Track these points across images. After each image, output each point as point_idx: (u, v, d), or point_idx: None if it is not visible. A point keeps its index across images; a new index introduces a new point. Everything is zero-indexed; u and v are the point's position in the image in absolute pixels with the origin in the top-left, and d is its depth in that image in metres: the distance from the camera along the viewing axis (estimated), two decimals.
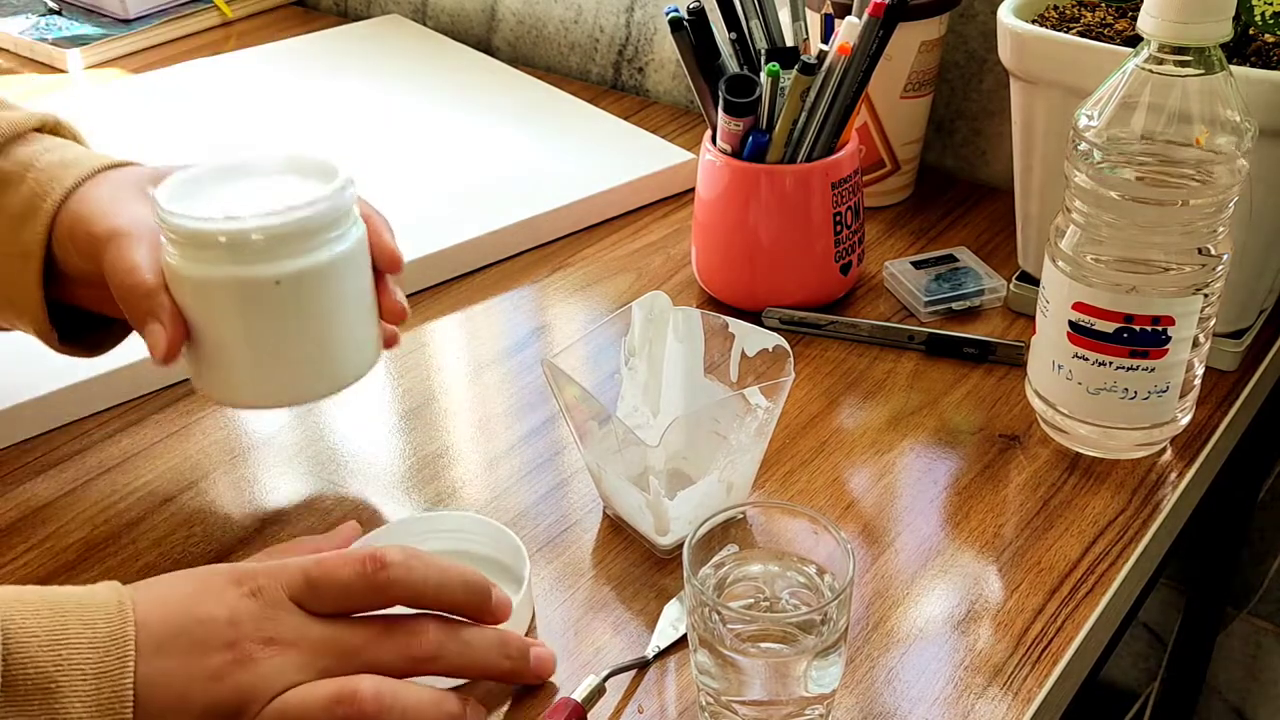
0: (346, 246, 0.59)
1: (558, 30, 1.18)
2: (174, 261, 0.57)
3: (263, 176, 0.61)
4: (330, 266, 0.58)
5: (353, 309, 0.61)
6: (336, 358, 0.61)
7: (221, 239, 0.56)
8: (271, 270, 0.57)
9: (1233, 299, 0.72)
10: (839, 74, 0.74)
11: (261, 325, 0.58)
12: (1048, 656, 0.57)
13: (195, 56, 1.19)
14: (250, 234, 0.56)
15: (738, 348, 0.65)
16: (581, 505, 0.67)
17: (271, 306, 0.58)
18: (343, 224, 0.59)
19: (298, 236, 0.57)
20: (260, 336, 0.58)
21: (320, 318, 0.59)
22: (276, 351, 0.59)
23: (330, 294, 0.59)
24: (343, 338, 0.61)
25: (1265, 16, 0.68)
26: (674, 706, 0.55)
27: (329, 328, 0.60)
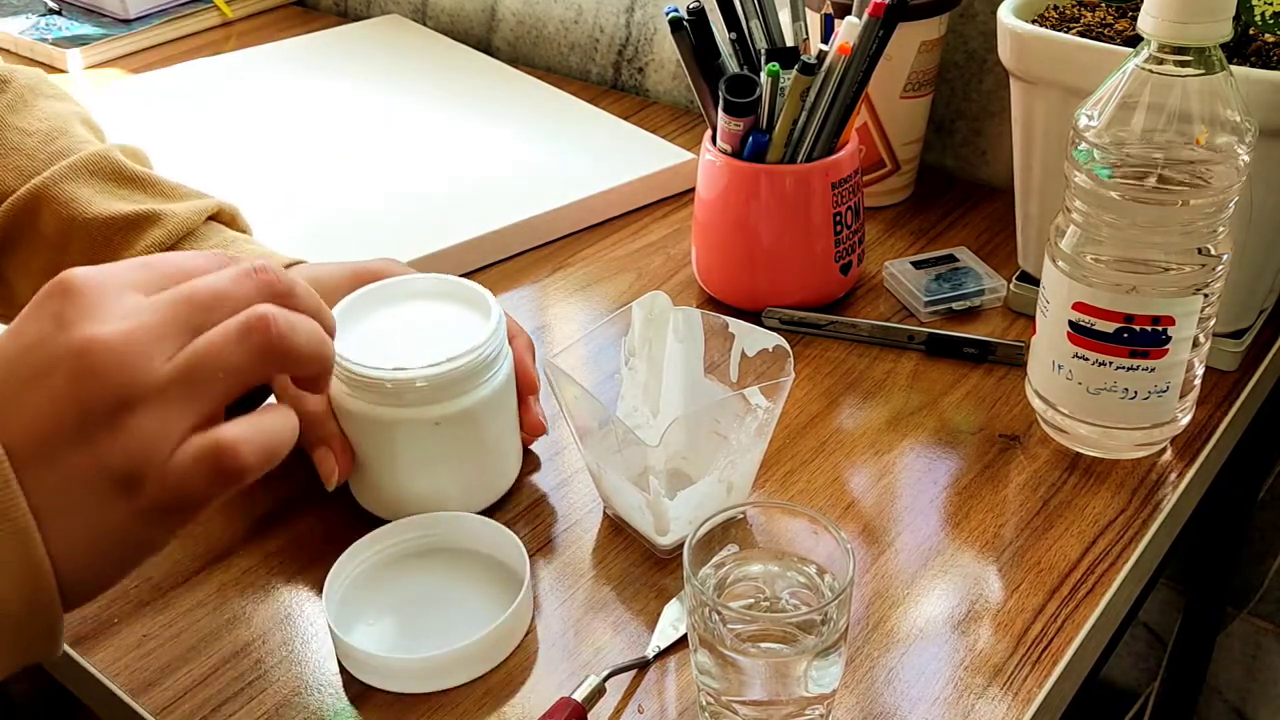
0: (499, 383, 0.62)
1: (558, 30, 1.18)
2: (339, 395, 0.62)
3: (420, 301, 0.65)
4: (484, 403, 0.62)
5: (501, 433, 0.64)
6: (484, 479, 0.65)
7: (388, 385, 0.60)
8: (432, 413, 0.60)
9: (1233, 299, 0.72)
10: (839, 74, 0.74)
11: (417, 457, 0.62)
12: (1048, 656, 0.57)
13: (195, 56, 1.19)
14: (415, 381, 0.59)
15: (738, 348, 0.65)
16: (581, 505, 0.67)
17: (429, 442, 0.61)
18: (496, 363, 0.62)
19: (459, 380, 0.60)
20: (415, 466, 0.62)
21: (473, 447, 0.63)
22: (429, 478, 0.63)
23: (483, 426, 0.63)
24: (491, 460, 0.64)
25: (1265, 16, 0.68)
26: (674, 706, 0.55)
27: (480, 454, 0.64)
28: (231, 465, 0.44)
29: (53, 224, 0.66)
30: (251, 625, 0.60)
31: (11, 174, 0.68)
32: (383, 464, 0.63)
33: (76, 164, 0.68)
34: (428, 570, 0.62)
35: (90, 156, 0.68)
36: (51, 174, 0.67)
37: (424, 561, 0.62)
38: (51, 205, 0.67)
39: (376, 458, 0.63)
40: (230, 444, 0.44)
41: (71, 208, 0.66)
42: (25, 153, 0.68)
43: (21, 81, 0.72)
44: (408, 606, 0.60)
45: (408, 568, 0.62)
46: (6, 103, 0.70)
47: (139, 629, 0.60)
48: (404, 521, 0.62)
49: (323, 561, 0.63)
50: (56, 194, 0.67)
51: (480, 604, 0.60)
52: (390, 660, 0.56)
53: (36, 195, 0.67)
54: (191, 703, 0.56)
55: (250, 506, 0.67)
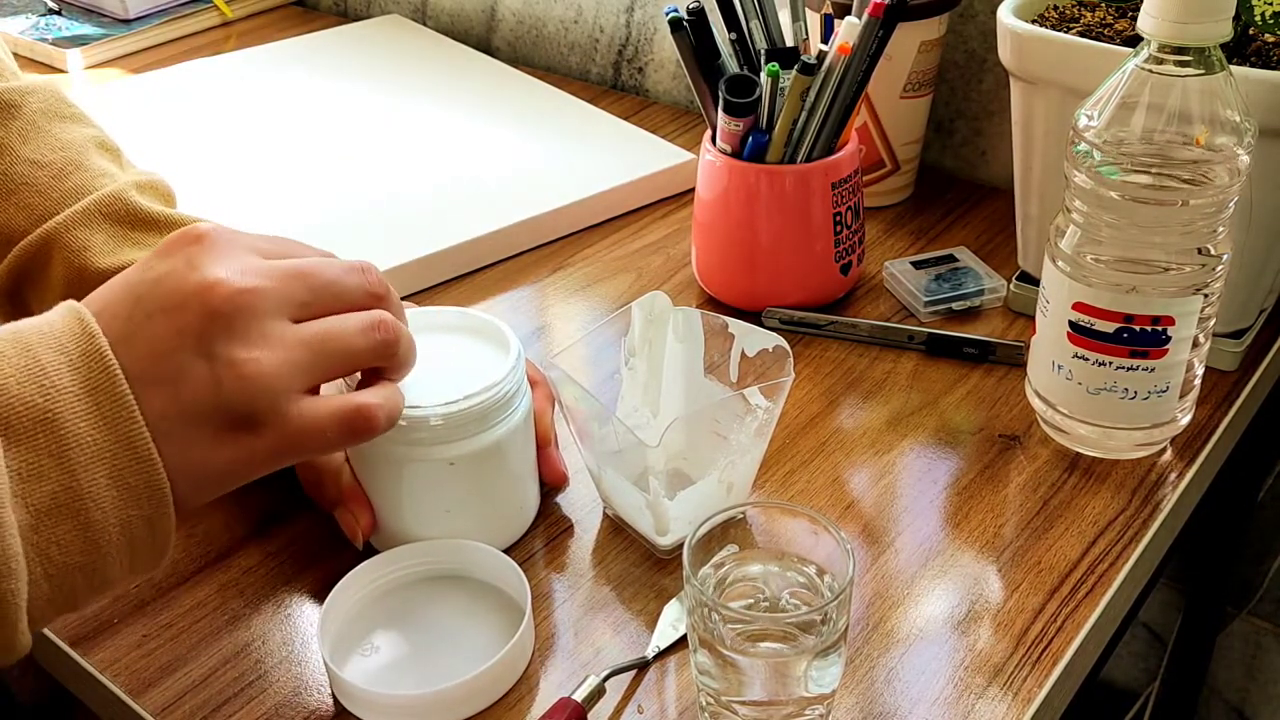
0: (515, 422, 0.61)
1: (558, 30, 1.18)
2: None
3: (438, 334, 0.63)
4: (500, 443, 0.60)
5: (518, 475, 0.63)
6: (500, 521, 0.64)
7: (402, 423, 0.58)
8: (447, 452, 0.59)
9: (1233, 299, 0.72)
10: (839, 74, 0.74)
11: (431, 498, 0.61)
12: (1048, 656, 0.57)
13: (195, 56, 1.19)
14: (429, 419, 0.58)
15: (738, 348, 0.65)
16: (581, 505, 0.67)
17: (443, 482, 0.60)
18: (513, 402, 0.61)
19: (473, 420, 0.59)
20: (429, 507, 0.61)
21: (489, 488, 0.62)
22: (443, 519, 0.61)
23: (499, 466, 0.61)
24: (508, 501, 0.63)
25: (1265, 16, 0.68)
26: (674, 706, 0.55)
27: (495, 495, 0.62)
28: (366, 426, 0.51)
29: (64, 271, 0.65)
30: (251, 625, 0.60)
31: (23, 213, 0.66)
32: (395, 504, 0.61)
33: (89, 207, 0.66)
34: (425, 599, 0.60)
35: (103, 199, 0.66)
36: (63, 219, 0.65)
37: (421, 590, 0.61)
38: (63, 253, 0.65)
39: (389, 498, 0.61)
40: (370, 406, 0.51)
41: (83, 256, 0.64)
42: (37, 189, 0.66)
43: (35, 105, 0.69)
44: (405, 637, 0.59)
45: (404, 597, 0.60)
46: (18, 130, 0.68)
47: (139, 629, 0.60)
48: (401, 549, 0.61)
49: (323, 561, 0.63)
50: (69, 240, 0.65)
51: (481, 634, 0.58)
52: (387, 696, 0.55)
53: (48, 241, 0.65)
54: (191, 703, 0.56)
55: (250, 506, 0.67)
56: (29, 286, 0.67)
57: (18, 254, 0.66)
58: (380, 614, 0.60)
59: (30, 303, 0.67)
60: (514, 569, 0.59)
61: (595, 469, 0.64)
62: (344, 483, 0.62)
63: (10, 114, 0.68)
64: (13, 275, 0.66)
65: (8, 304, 0.68)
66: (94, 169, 0.68)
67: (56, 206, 0.66)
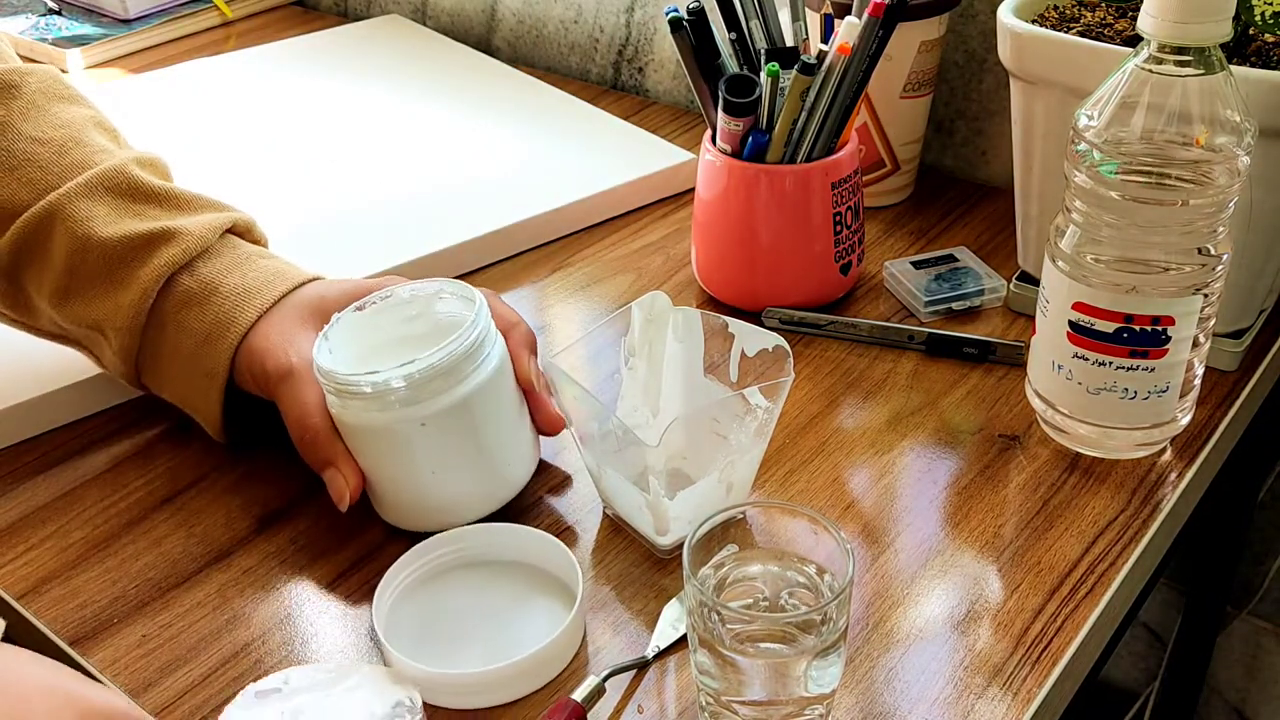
0: (485, 375, 0.62)
1: (558, 30, 1.18)
2: (335, 408, 0.62)
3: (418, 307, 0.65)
4: (469, 398, 0.61)
5: (501, 426, 0.63)
6: (490, 477, 0.64)
7: (367, 389, 0.60)
8: (416, 412, 0.60)
9: (1233, 299, 0.72)
10: (839, 74, 0.74)
11: (413, 459, 0.61)
12: (1048, 656, 0.57)
13: (195, 56, 1.19)
14: (391, 383, 0.59)
15: (737, 348, 0.65)
16: (581, 505, 0.67)
17: (421, 444, 0.61)
18: (478, 355, 0.61)
19: (439, 378, 0.60)
20: (413, 469, 0.62)
21: (469, 443, 0.62)
22: (431, 480, 0.62)
23: (476, 421, 0.62)
24: (495, 456, 0.63)
25: (1265, 16, 0.68)
26: (674, 706, 0.55)
27: (479, 451, 0.63)
28: None
29: (67, 243, 0.66)
30: (251, 625, 0.60)
31: (25, 188, 0.67)
32: (383, 471, 0.62)
33: (92, 180, 0.67)
34: (476, 583, 0.61)
35: (105, 172, 0.67)
36: (66, 191, 0.66)
37: (471, 574, 0.62)
38: (66, 224, 0.66)
39: (377, 466, 0.62)
40: None
41: (86, 226, 0.66)
42: (39, 164, 0.67)
43: (34, 86, 0.70)
44: (453, 620, 0.59)
45: (454, 580, 0.61)
46: (19, 109, 0.69)
47: (139, 629, 0.60)
48: (451, 533, 0.62)
49: (323, 561, 0.63)
50: (71, 212, 0.66)
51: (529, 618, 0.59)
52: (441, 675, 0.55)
53: (50, 213, 0.66)
54: (191, 703, 0.56)
55: (250, 506, 0.67)
56: (28, 261, 0.67)
57: (20, 227, 0.67)
58: (430, 596, 0.60)
59: (27, 282, 0.68)
60: (565, 553, 0.60)
61: (595, 469, 0.64)
62: (334, 447, 0.63)
63: (11, 94, 0.69)
64: (14, 249, 0.67)
65: (4, 281, 0.68)
66: (94, 145, 0.69)
67: (58, 181, 0.67)
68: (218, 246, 0.68)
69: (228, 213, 0.70)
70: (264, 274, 0.67)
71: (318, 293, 0.68)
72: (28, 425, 0.72)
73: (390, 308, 0.65)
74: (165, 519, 0.66)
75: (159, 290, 0.66)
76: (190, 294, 0.66)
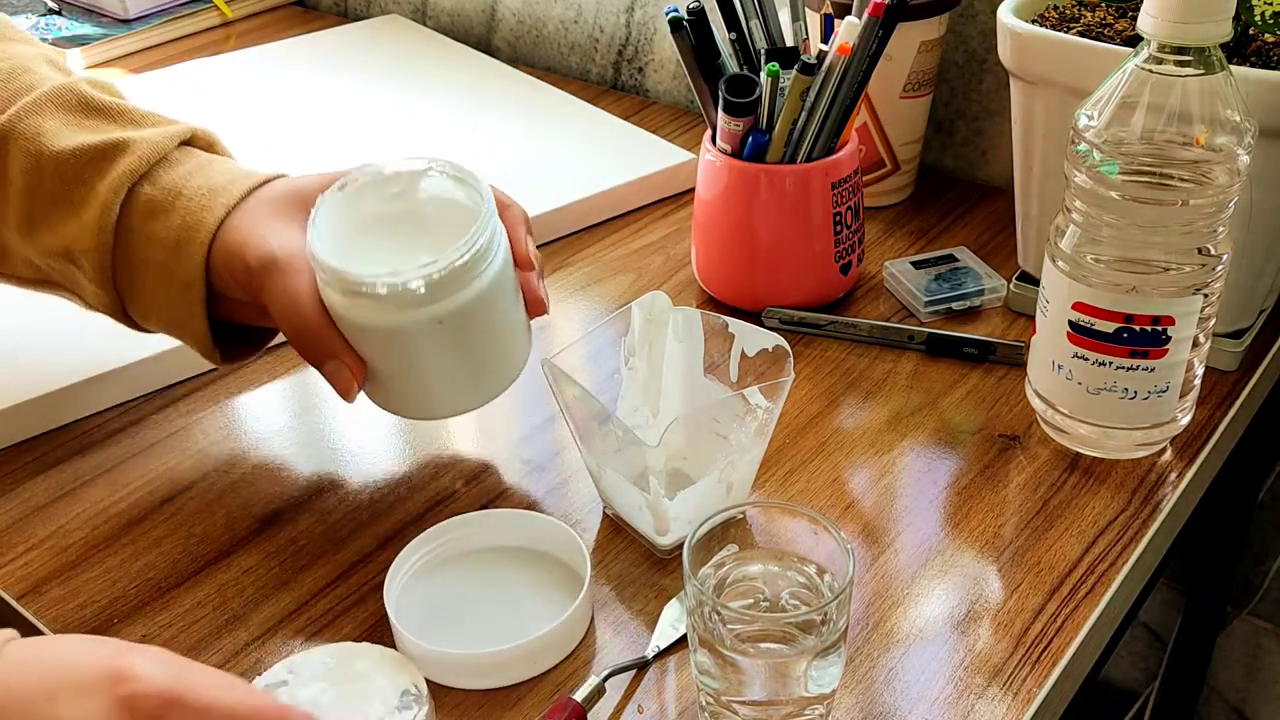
0: (497, 268, 0.60)
1: (558, 30, 1.18)
2: (336, 304, 0.59)
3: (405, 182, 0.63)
4: (485, 293, 0.60)
5: (507, 314, 0.62)
6: (500, 363, 0.63)
7: (382, 290, 0.57)
8: (433, 312, 0.59)
9: (1233, 299, 0.72)
10: (839, 74, 0.74)
11: (428, 358, 0.60)
12: (1048, 656, 0.57)
13: (195, 56, 1.19)
14: (410, 283, 0.57)
15: (737, 348, 0.65)
16: (581, 505, 0.67)
17: (436, 341, 0.60)
18: (491, 249, 0.60)
19: (456, 276, 0.58)
20: (426, 366, 0.61)
21: (482, 336, 0.61)
22: (442, 375, 0.61)
23: (489, 313, 0.61)
24: (503, 345, 0.63)
25: (1265, 16, 0.68)
26: (674, 706, 0.55)
27: (490, 341, 0.62)
28: None
29: (21, 161, 0.64)
30: (251, 625, 0.60)
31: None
32: (392, 370, 0.61)
33: (41, 98, 0.65)
34: (484, 567, 0.62)
35: (56, 89, 0.66)
36: (17, 109, 0.64)
37: (481, 559, 0.62)
38: (19, 141, 0.64)
39: (385, 364, 0.61)
40: None
41: (39, 142, 0.64)
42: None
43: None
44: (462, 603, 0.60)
45: (463, 564, 0.62)
46: None
47: (139, 629, 0.60)
48: (461, 519, 0.62)
49: (323, 561, 0.63)
50: (23, 129, 0.64)
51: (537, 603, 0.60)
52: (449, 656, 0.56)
53: (3, 135, 0.64)
54: None
55: (250, 506, 0.67)
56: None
57: None
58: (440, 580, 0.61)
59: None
60: (572, 538, 0.60)
61: (595, 468, 0.64)
62: (333, 340, 0.61)
63: None
64: None
65: None
66: (43, 73, 0.67)
67: (7, 105, 0.65)
68: (176, 155, 0.66)
69: (185, 125, 0.67)
70: (229, 173, 0.65)
71: (291, 183, 0.65)
72: (28, 425, 0.72)
73: (372, 185, 0.63)
74: (165, 519, 0.66)
75: (121, 204, 0.63)
76: (154, 203, 0.63)
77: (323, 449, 0.71)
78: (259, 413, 0.74)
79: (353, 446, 0.71)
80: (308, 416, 0.74)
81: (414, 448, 0.71)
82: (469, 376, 0.62)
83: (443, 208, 0.61)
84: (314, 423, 0.73)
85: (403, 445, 0.71)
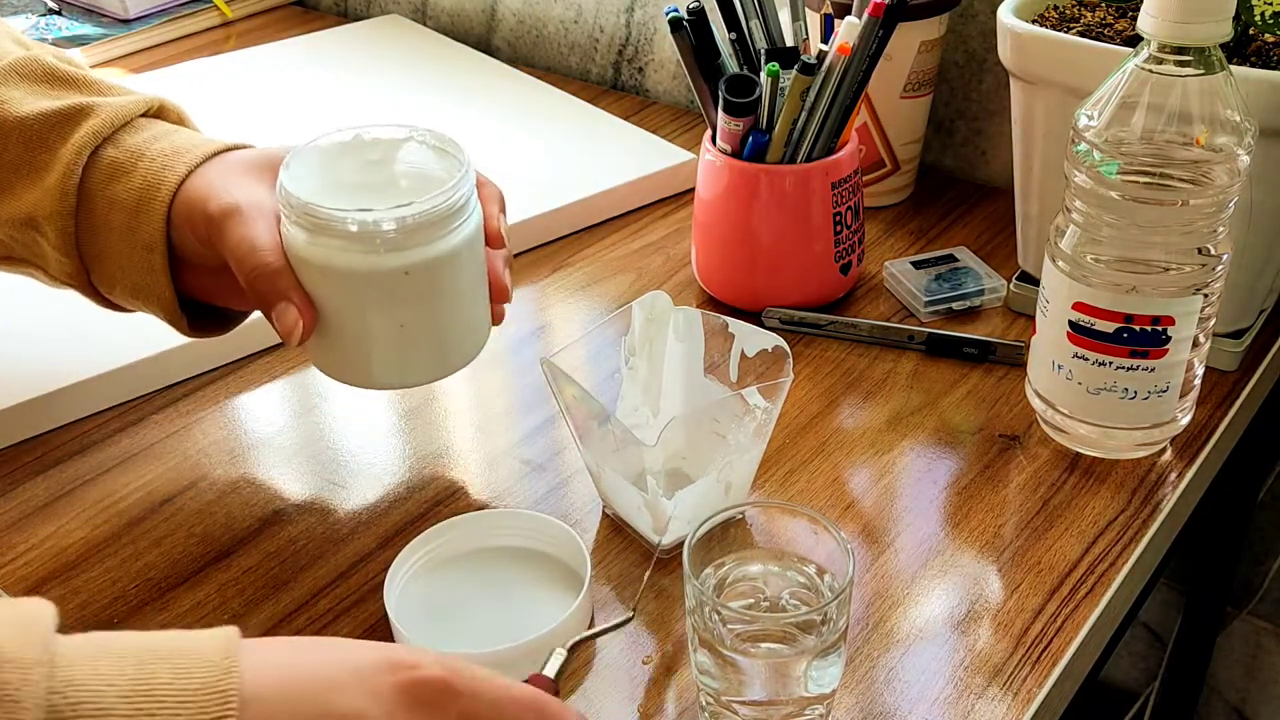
0: (470, 230, 0.59)
1: (558, 30, 1.18)
2: (299, 245, 0.57)
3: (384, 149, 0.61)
4: (456, 252, 0.58)
5: (473, 289, 0.61)
6: (457, 338, 0.61)
7: (352, 227, 0.56)
8: (401, 260, 0.57)
9: (1233, 299, 0.72)
10: (839, 74, 0.74)
11: (387, 311, 0.58)
12: (1048, 656, 0.57)
13: (195, 56, 1.19)
14: (381, 224, 0.56)
15: (737, 348, 0.65)
16: (581, 505, 0.67)
17: (398, 294, 0.58)
18: (467, 207, 0.59)
19: (428, 226, 0.57)
20: (385, 322, 0.59)
21: (445, 300, 0.59)
22: (397, 336, 0.59)
23: (455, 277, 0.59)
24: (464, 318, 0.61)
25: (1265, 16, 0.68)
26: (674, 706, 0.55)
27: (452, 310, 0.60)
28: None
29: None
30: (251, 625, 0.60)
31: None
32: (346, 321, 0.58)
33: (5, 68, 0.64)
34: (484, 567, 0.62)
35: (19, 60, 0.65)
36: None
37: (480, 559, 0.62)
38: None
39: (339, 313, 0.58)
40: None
41: (2, 109, 0.63)
42: None
43: None
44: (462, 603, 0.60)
45: (463, 564, 0.62)
46: None
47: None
48: (461, 519, 0.62)
49: (323, 561, 0.63)
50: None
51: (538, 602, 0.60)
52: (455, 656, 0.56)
53: None
54: None
55: (250, 506, 0.67)
56: None
57: None
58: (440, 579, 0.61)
59: None
60: (577, 543, 0.60)
61: (595, 468, 0.64)
62: (286, 280, 0.58)
63: None
64: None
65: None
66: (6, 48, 0.67)
67: None
68: (142, 121, 0.65)
69: (156, 96, 0.67)
70: (195, 139, 0.64)
71: (260, 151, 0.64)
72: (28, 425, 0.72)
73: (350, 150, 0.61)
74: (165, 519, 0.66)
75: (84, 167, 0.62)
76: (116, 165, 0.62)
77: (323, 449, 0.71)
78: (259, 413, 0.74)
79: (353, 446, 0.71)
80: (308, 416, 0.74)
81: (414, 447, 0.71)
82: (422, 344, 0.60)
83: (418, 180, 0.59)
84: (314, 423, 0.73)
85: (403, 445, 0.71)
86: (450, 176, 0.59)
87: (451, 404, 0.75)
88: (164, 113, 0.67)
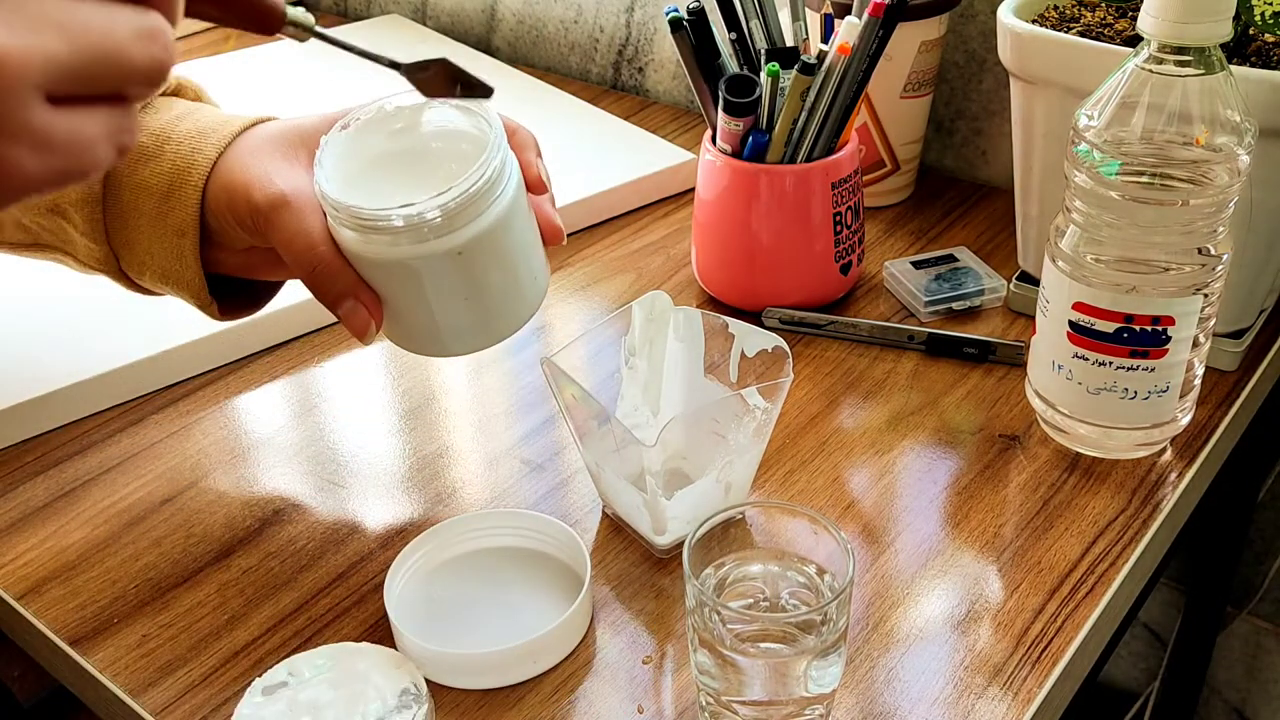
0: (512, 191, 0.59)
1: (558, 30, 1.18)
2: (350, 242, 0.58)
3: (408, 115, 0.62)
4: (502, 218, 0.58)
5: (525, 244, 0.61)
6: (521, 293, 0.61)
7: (398, 223, 0.56)
8: (452, 242, 0.57)
9: (1233, 299, 0.72)
10: (839, 74, 0.74)
11: (448, 291, 0.59)
12: (1048, 656, 0.57)
13: (195, 56, 1.19)
14: (426, 214, 0.56)
15: (737, 348, 0.65)
16: (581, 505, 0.67)
17: (456, 273, 0.58)
18: (504, 174, 0.59)
19: (472, 203, 0.57)
20: (448, 300, 0.59)
21: (501, 264, 0.59)
22: (466, 308, 0.59)
23: (507, 241, 0.59)
24: (524, 273, 0.61)
25: (1265, 16, 0.68)
26: (674, 706, 0.55)
27: (511, 270, 0.60)
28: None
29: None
30: (251, 625, 0.60)
31: None
32: (412, 304, 0.59)
33: None
34: (484, 567, 0.62)
35: None
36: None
37: (481, 559, 0.62)
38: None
39: (404, 299, 0.59)
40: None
41: None
42: None
43: None
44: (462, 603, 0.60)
45: (463, 564, 0.62)
46: None
47: (139, 629, 0.60)
48: (461, 519, 0.62)
49: (322, 561, 0.63)
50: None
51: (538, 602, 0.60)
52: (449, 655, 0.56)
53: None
54: (191, 703, 0.56)
55: (250, 506, 0.67)
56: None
57: None
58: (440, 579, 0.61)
59: None
60: (577, 543, 0.60)
61: (594, 468, 0.64)
62: (347, 277, 0.59)
63: None
64: None
65: None
66: None
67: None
68: (161, 101, 0.64)
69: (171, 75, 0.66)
70: (218, 117, 0.63)
71: (286, 123, 0.63)
72: (28, 425, 0.72)
73: (375, 123, 0.61)
74: (165, 519, 0.66)
75: None
76: (141, 149, 0.62)
77: (323, 449, 0.71)
78: (259, 413, 0.74)
79: (353, 446, 0.71)
80: (308, 416, 0.74)
81: (414, 447, 0.71)
82: (489, 309, 0.60)
83: (449, 139, 0.60)
84: (314, 423, 0.73)
85: (403, 445, 0.71)
86: (477, 134, 0.59)
87: (451, 404, 0.75)
88: (182, 90, 0.67)
